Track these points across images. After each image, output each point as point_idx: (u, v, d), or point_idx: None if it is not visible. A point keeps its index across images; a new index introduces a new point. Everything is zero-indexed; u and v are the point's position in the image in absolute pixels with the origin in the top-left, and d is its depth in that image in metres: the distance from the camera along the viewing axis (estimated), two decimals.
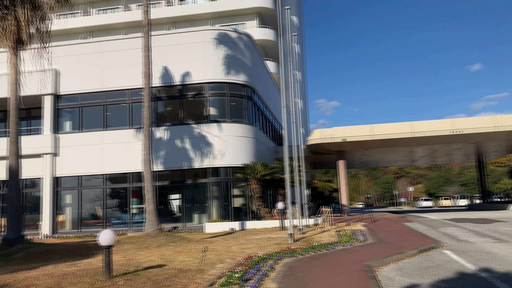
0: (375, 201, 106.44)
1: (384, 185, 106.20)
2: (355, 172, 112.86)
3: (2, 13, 16.06)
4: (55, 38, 20.22)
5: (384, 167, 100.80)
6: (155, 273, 9.05)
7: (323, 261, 10.21)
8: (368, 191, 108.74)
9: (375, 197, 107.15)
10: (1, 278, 9.41)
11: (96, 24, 44.01)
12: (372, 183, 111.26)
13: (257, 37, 39.87)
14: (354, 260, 10.17)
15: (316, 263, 9.97)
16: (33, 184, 24.02)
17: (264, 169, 22.02)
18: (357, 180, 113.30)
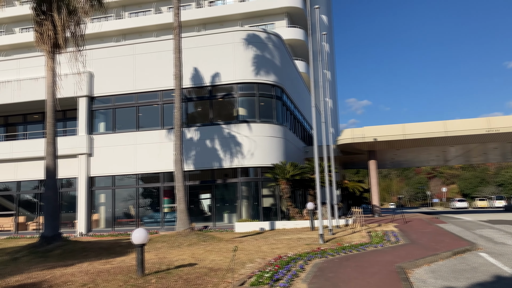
0: (407, 202, 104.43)
1: (417, 185, 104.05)
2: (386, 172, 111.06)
3: (40, 19, 16.64)
4: (90, 42, 20.81)
5: (417, 167, 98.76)
6: (186, 272, 9.18)
7: (354, 262, 10.11)
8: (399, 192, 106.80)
9: (407, 197, 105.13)
10: (40, 274, 9.76)
11: (128, 27, 45.00)
12: (404, 183, 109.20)
13: (286, 36, 39.83)
14: (385, 262, 10.03)
15: (347, 264, 9.88)
16: (69, 184, 24.76)
17: (294, 169, 21.96)
18: (389, 180, 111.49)
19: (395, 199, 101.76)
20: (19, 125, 27.50)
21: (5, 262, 13.12)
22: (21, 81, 24.87)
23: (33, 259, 13.28)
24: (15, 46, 47.05)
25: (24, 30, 47.94)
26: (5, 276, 9.85)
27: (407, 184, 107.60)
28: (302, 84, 33.80)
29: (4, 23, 48.24)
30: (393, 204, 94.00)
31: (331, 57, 53.47)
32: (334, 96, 53.32)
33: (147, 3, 46.36)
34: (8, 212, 25.71)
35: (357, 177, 79.21)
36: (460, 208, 62.63)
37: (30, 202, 25.89)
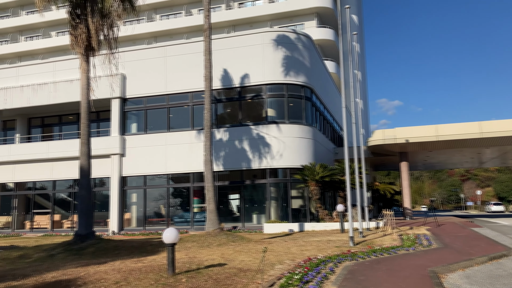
0: (440, 205, 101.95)
1: (450, 187, 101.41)
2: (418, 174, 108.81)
3: (75, 22, 17.11)
4: (122, 44, 21.31)
5: (450, 169, 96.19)
6: (216, 272, 9.24)
7: (385, 266, 9.94)
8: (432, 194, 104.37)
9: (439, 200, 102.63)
10: (75, 271, 10.03)
11: (159, 30, 45.73)
12: (437, 186, 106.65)
13: (316, 37, 39.59)
14: (417, 265, 9.82)
15: (378, 267, 9.72)
16: (102, 183, 25.36)
17: (323, 170, 21.79)
18: (421, 183, 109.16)
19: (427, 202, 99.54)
20: (55, 126, 28.37)
21: (42, 258, 13.56)
22: (56, 83, 25.65)
23: (68, 256, 13.66)
24: (52, 49, 48.58)
25: (60, 33, 49.43)
26: (42, 272, 10.17)
27: (440, 186, 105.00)
28: (332, 84, 33.50)
29: (41, 27, 49.88)
30: (425, 207, 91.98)
31: (362, 57, 52.80)
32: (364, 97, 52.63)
33: (178, 5, 47.00)
34: (44, 210, 26.56)
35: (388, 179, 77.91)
36: (495, 212, 60.60)
37: (65, 201, 26.66)
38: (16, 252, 14.92)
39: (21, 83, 26.56)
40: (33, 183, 26.58)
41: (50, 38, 49.12)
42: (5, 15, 51.70)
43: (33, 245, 17.46)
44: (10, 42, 50.90)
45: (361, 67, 49.68)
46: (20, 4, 50.71)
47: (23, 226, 26.62)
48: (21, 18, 50.19)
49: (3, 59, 50.19)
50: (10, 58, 50.19)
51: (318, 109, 26.62)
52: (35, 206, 26.72)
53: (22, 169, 26.19)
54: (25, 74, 26.87)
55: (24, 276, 9.66)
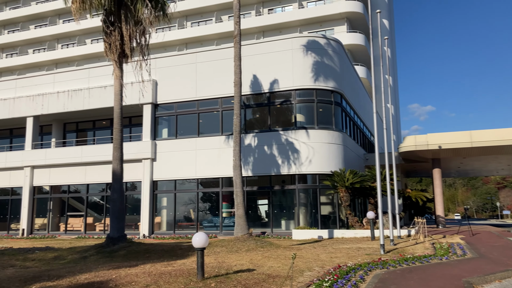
0: (474, 213, 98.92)
1: (485, 195, 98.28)
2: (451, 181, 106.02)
3: (109, 30, 17.58)
4: (154, 51, 21.74)
5: (485, 176, 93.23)
6: (245, 277, 9.24)
7: (417, 275, 9.71)
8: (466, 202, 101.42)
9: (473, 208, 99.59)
10: (107, 273, 10.23)
11: (190, 36, 46.42)
12: (471, 193, 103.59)
13: (346, 42, 39.30)
14: (451, 275, 9.54)
15: (410, 276, 9.50)
16: (133, 187, 25.83)
17: (353, 176, 21.51)
18: (454, 190, 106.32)
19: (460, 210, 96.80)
20: (88, 131, 29.15)
21: (76, 260, 13.90)
22: (91, 89, 26.36)
23: (100, 259, 13.95)
24: (86, 56, 50.03)
25: (94, 41, 50.87)
26: (76, 273, 10.42)
27: (474, 194, 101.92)
28: (363, 90, 33.13)
29: (77, 35, 51.46)
30: (458, 215, 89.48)
31: (393, 62, 52.02)
32: (396, 102, 51.78)
33: (208, 12, 47.59)
34: (78, 213, 27.26)
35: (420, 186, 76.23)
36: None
37: (97, 204, 27.29)
38: (51, 253, 15.35)
39: (57, 89, 27.43)
40: (67, 186, 27.35)
41: (85, 46, 50.60)
42: (43, 24, 53.61)
43: (67, 247, 17.93)
44: (48, 50, 52.71)
45: (392, 72, 48.94)
46: (57, 13, 52.49)
47: (58, 228, 27.38)
48: (58, 26, 51.93)
49: (41, 66, 52.01)
50: (47, 65, 51.96)
51: (348, 115, 26.36)
52: (69, 209, 27.47)
53: (57, 173, 26.98)
54: (61, 81, 27.75)
55: (59, 277, 9.93)
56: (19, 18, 53.95)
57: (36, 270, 11.65)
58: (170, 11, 18.84)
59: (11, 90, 28.95)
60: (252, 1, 45.74)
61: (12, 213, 28.37)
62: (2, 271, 11.90)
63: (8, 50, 55.19)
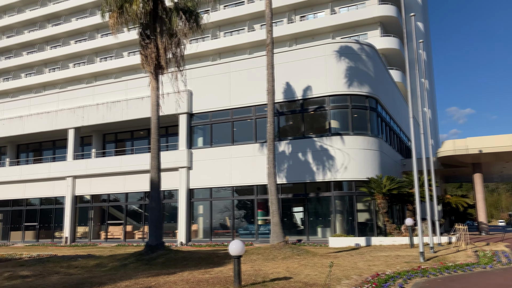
0: None
1: None
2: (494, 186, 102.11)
3: (145, 43, 18.10)
4: (188, 62, 22.15)
5: None
6: (281, 285, 9.24)
7: (460, 284, 9.43)
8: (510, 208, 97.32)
9: None
10: (146, 281, 10.46)
11: (223, 46, 47.01)
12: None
13: (380, 46, 38.80)
14: (496, 285, 9.21)
15: (452, 285, 9.24)
16: (170, 195, 26.31)
17: (391, 183, 21.12)
18: (497, 195, 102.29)
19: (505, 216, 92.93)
20: (127, 141, 29.97)
21: (116, 267, 14.27)
22: (128, 100, 27.12)
23: (140, 266, 14.27)
24: (124, 68, 51.51)
25: (131, 54, 52.34)
26: (116, 280, 10.72)
27: None
28: (398, 94, 32.55)
29: (114, 48, 53.10)
30: (502, 221, 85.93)
31: (429, 65, 50.88)
32: (433, 106, 50.54)
33: (241, 22, 48.08)
34: (117, 221, 27.99)
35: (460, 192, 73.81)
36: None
37: (136, 212, 27.94)
38: (93, 261, 15.83)
39: (97, 101, 28.38)
40: (107, 195, 28.15)
41: (122, 58, 52.13)
42: (82, 38, 55.67)
43: (107, 254, 18.43)
44: (87, 64, 54.62)
45: (428, 75, 47.86)
46: (96, 28, 54.37)
47: (98, 236, 28.18)
48: (96, 40, 53.77)
49: (81, 79, 53.93)
50: (87, 78, 53.82)
51: (384, 120, 25.96)
52: (109, 217, 28.25)
53: (97, 182, 27.83)
54: (100, 93, 28.71)
55: (101, 284, 10.23)
56: (60, 34, 56.23)
57: (79, 277, 12.04)
58: (203, 22, 19.20)
59: (53, 103, 30.19)
60: (284, 9, 45.91)
61: (56, 222, 29.43)
62: (47, 277, 12.38)
63: (51, 65, 57.57)
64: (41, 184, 29.61)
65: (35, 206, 30.45)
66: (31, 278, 12.34)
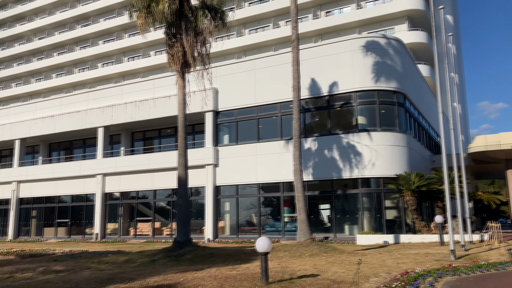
0: None
1: None
2: None
3: (171, 42, 18.30)
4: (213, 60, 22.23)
5: None
6: (309, 282, 9.21)
7: (493, 283, 9.19)
8: None
9: None
10: (175, 277, 10.61)
11: (248, 44, 47.03)
12: None
13: (408, 40, 38.07)
14: None
15: (484, 284, 9.02)
16: (197, 192, 26.56)
17: (419, 179, 20.74)
18: None
19: None
20: (155, 139, 30.42)
21: (145, 263, 14.53)
22: (156, 99, 27.50)
23: (168, 262, 14.48)
24: (151, 68, 52.22)
25: (158, 53, 53.00)
26: (146, 276, 10.91)
27: None
28: (427, 89, 31.90)
29: (141, 48, 53.89)
30: None
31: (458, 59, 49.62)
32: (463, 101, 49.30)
33: (266, 18, 48.01)
34: (146, 218, 28.47)
35: (492, 188, 71.76)
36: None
37: (164, 209, 28.35)
38: (123, 257, 16.16)
39: (125, 100, 28.88)
40: (136, 192, 28.66)
41: (149, 58, 52.86)
42: (110, 39, 56.71)
43: (137, 250, 18.78)
44: (115, 63, 55.64)
45: (458, 69, 46.70)
46: (123, 28, 55.29)
47: (127, 233, 28.73)
48: (124, 40, 54.69)
49: (109, 79, 54.99)
50: (115, 77, 54.83)
51: (412, 115, 25.49)
52: (138, 214, 28.76)
53: (126, 180, 28.36)
54: (128, 92, 29.21)
55: (130, 280, 10.44)
56: (89, 35, 57.47)
57: (109, 272, 12.32)
58: (228, 20, 19.27)
59: (83, 102, 30.90)
60: (309, 5, 45.57)
61: (87, 218, 30.15)
62: (79, 272, 12.72)
63: (80, 65, 58.91)
64: (72, 181, 30.39)
65: (67, 203, 31.28)
66: (64, 273, 12.70)
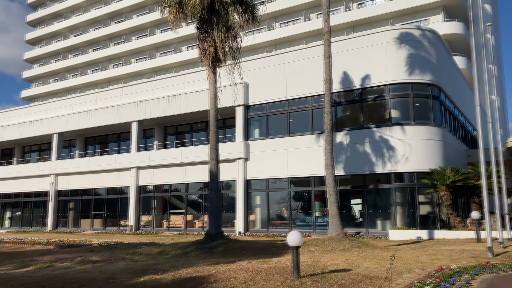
0: None
1: None
2: None
3: (203, 37, 18.44)
4: (244, 54, 22.29)
5: None
6: (340, 277, 9.16)
7: None
8: None
9: None
10: (207, 269, 10.77)
11: (279, 37, 46.85)
12: None
13: (443, 31, 36.99)
14: None
15: None
16: (228, 186, 26.78)
17: (455, 174, 20.21)
18: None
19: None
20: (186, 133, 30.83)
21: (178, 255, 14.80)
22: (187, 94, 27.83)
23: (200, 254, 14.70)
24: (182, 63, 52.82)
25: (189, 48, 53.54)
26: (179, 268, 11.12)
27: None
28: (463, 81, 30.97)
29: (173, 43, 54.57)
30: None
31: (497, 50, 47.89)
32: (501, 93, 47.61)
33: (297, 11, 47.67)
34: (178, 210, 28.95)
35: None
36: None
37: (196, 202, 28.74)
38: (156, 249, 16.50)
39: (158, 95, 29.36)
40: (169, 185, 29.16)
41: (181, 53, 53.49)
42: (143, 34, 57.67)
43: (169, 242, 19.14)
44: (148, 59, 56.59)
45: (497, 61, 45.11)
46: (156, 23, 56.10)
47: (160, 225, 29.30)
48: (156, 36, 55.51)
49: (143, 74, 55.99)
50: (148, 73, 55.79)
51: (447, 109, 24.83)
52: (170, 206, 29.27)
53: (159, 173, 28.89)
54: (161, 87, 29.67)
55: (164, 271, 10.66)
56: (122, 31, 58.64)
57: (143, 263, 12.62)
58: (259, 14, 19.23)
59: (117, 97, 31.61)
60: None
61: (121, 211, 30.93)
62: (115, 263, 13.09)
63: (114, 60, 60.21)
64: (107, 174, 31.20)
65: (102, 196, 32.16)
66: (100, 263, 13.10)
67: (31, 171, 35.20)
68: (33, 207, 36.06)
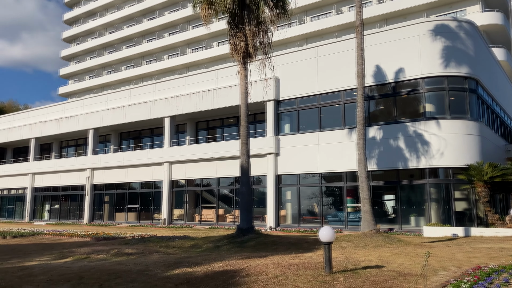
0: None
1: None
2: None
3: (233, 32, 18.46)
4: (275, 48, 22.14)
5: None
6: (373, 274, 9.05)
7: None
8: None
9: None
10: (238, 263, 10.84)
11: (310, 31, 46.48)
12: None
13: (481, 22, 35.76)
14: None
15: None
16: (258, 181, 26.85)
17: (493, 170, 19.56)
18: None
19: None
20: (218, 128, 31.07)
21: (210, 249, 14.96)
22: (219, 89, 28.02)
23: (232, 248, 14.81)
24: (213, 58, 53.20)
25: (220, 44, 53.85)
26: (211, 261, 11.25)
27: None
28: (502, 74, 29.88)
29: (204, 39, 55.00)
30: None
31: None
32: None
33: (328, 5, 47.13)
34: (210, 205, 29.26)
35: None
36: None
37: (227, 197, 28.96)
38: (189, 242, 16.74)
39: (190, 91, 29.69)
40: (200, 180, 29.50)
41: (212, 49, 53.85)
42: (175, 31, 58.38)
43: (201, 236, 19.37)
44: (180, 55, 57.27)
45: None
46: (187, 20, 56.68)
47: (193, 219, 29.70)
48: (188, 32, 56.11)
49: (175, 70, 56.73)
50: (180, 69, 56.48)
51: (485, 102, 24.02)
52: (202, 201, 29.62)
53: (191, 168, 29.26)
54: (192, 83, 29.99)
55: (196, 264, 10.81)
56: (155, 28, 59.56)
57: (176, 256, 12.83)
58: (290, 8, 19.09)
59: (150, 93, 32.16)
60: None
61: (155, 204, 31.53)
62: (149, 256, 13.36)
63: (147, 57, 61.28)
64: (141, 169, 31.85)
65: (136, 190, 32.87)
66: (135, 256, 13.40)
67: (68, 166, 36.36)
68: (70, 200, 37.26)
